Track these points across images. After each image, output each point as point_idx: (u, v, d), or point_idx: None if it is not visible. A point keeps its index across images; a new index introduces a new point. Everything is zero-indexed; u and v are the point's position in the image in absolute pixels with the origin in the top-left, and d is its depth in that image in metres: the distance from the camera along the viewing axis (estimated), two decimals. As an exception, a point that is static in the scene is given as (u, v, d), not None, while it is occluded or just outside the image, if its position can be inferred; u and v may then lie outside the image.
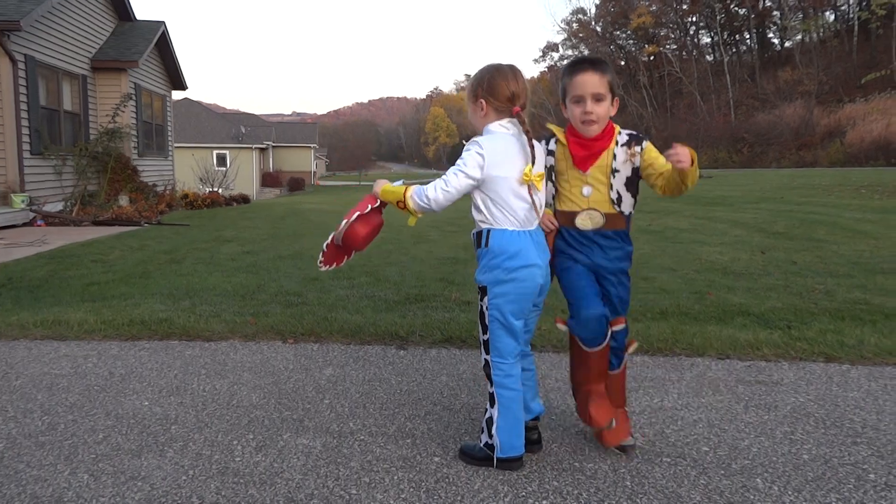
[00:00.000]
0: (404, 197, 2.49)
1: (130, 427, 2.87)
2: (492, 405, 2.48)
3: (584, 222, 2.56)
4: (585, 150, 2.54)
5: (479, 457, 2.51)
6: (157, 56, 18.79)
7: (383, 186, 2.58)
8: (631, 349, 2.70)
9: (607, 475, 2.43)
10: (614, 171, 2.52)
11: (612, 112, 2.53)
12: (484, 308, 2.45)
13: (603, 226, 2.54)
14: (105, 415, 3.01)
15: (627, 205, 2.56)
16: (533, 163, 2.40)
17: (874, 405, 3.06)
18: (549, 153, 2.63)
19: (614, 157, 2.52)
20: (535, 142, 2.47)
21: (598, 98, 2.47)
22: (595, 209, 2.54)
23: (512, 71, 2.49)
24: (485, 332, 2.48)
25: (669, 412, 3.02)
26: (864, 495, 2.28)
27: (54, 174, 13.60)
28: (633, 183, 2.56)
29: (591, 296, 2.51)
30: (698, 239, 8.79)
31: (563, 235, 2.62)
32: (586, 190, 2.55)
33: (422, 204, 2.46)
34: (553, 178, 2.62)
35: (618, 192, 2.53)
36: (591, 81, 2.48)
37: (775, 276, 6.01)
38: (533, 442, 2.60)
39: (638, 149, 2.51)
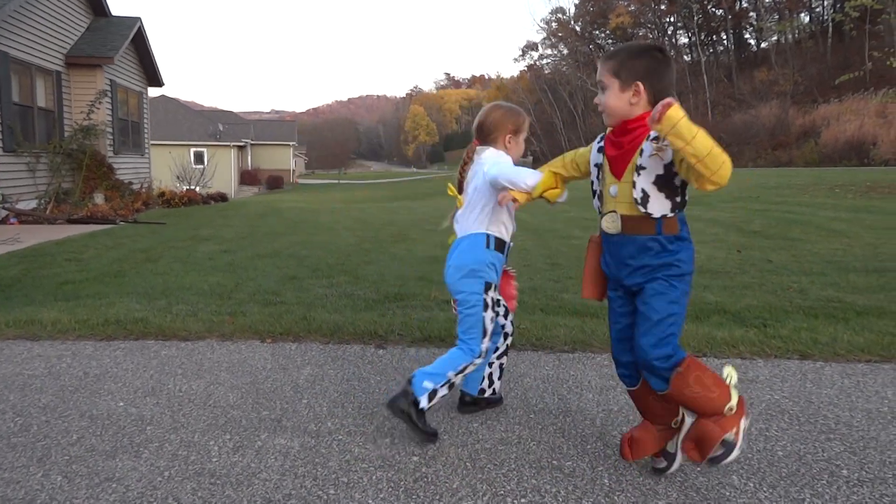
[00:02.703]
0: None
1: (105, 428, 2.84)
2: None
3: (607, 225, 2.32)
4: (616, 149, 2.30)
5: None
6: (133, 52, 18.55)
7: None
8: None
9: (585, 473, 2.44)
10: (639, 168, 2.21)
11: (632, 101, 2.23)
12: None
13: (622, 230, 2.27)
14: (79, 416, 2.97)
15: (658, 206, 2.20)
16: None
17: (847, 402, 3.11)
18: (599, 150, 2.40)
19: (640, 152, 2.21)
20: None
21: (602, 87, 2.29)
22: (615, 211, 2.29)
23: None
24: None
25: (647, 410, 3.04)
26: (836, 491, 2.31)
27: (27, 171, 13.37)
28: (668, 181, 2.19)
29: (615, 340, 2.44)
30: (676, 238, 8.85)
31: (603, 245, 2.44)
32: (613, 189, 2.30)
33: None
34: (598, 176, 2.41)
35: (643, 191, 2.20)
36: (598, 71, 2.33)
37: (751, 275, 6.08)
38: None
39: (665, 142, 2.10)
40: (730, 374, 2.32)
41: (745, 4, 68.55)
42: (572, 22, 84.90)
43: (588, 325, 4.28)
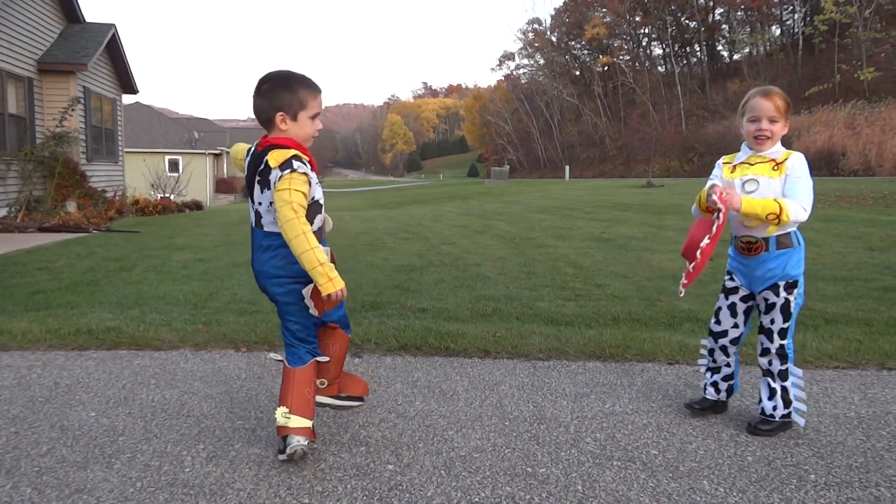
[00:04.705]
0: (781, 209, 2.68)
1: (76, 439, 2.80)
2: (784, 380, 2.87)
3: None
4: None
5: (776, 428, 2.86)
6: (107, 59, 18.37)
7: (744, 199, 2.75)
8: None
9: (559, 480, 2.46)
10: None
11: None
12: (792, 299, 2.83)
13: None
14: (49, 427, 2.93)
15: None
16: None
17: (815, 407, 3.17)
18: None
19: None
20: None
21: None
22: None
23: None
24: (787, 321, 2.84)
25: (620, 417, 3.07)
26: (804, 495, 2.35)
27: (-3, 179, 13.18)
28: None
29: None
30: (649, 247, 8.96)
31: None
32: None
33: (800, 219, 2.74)
34: None
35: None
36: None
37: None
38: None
39: None
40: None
41: (717, 17, 69.64)
42: (548, 32, 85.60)
43: (563, 333, 4.31)
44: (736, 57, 69.53)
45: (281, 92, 2.49)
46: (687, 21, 70.78)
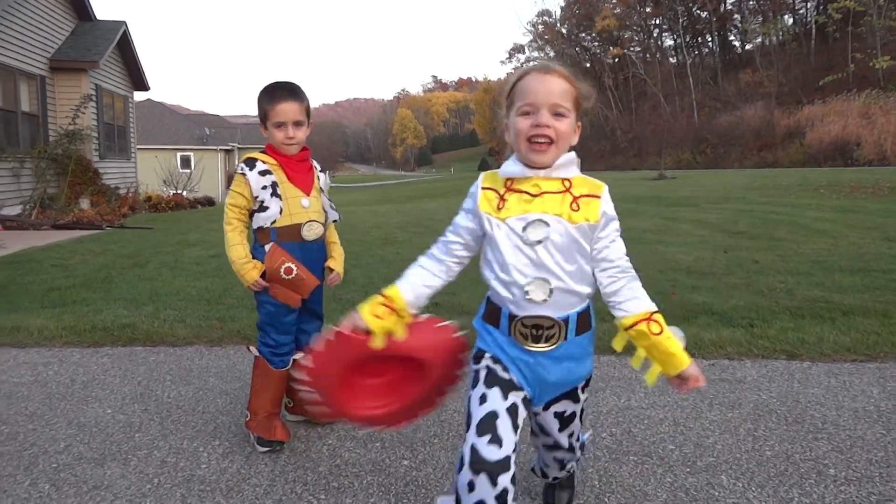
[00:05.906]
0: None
1: (93, 435, 2.82)
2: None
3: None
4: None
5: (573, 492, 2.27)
6: (118, 56, 18.45)
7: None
8: None
9: (575, 474, 2.45)
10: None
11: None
12: (585, 397, 1.98)
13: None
14: (66, 423, 2.95)
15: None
16: None
17: (833, 401, 3.14)
18: None
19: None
20: None
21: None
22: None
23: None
24: (583, 421, 2.04)
25: (636, 411, 3.06)
26: (824, 490, 2.33)
27: (12, 177, 13.26)
28: None
29: None
30: (662, 239, 8.90)
31: None
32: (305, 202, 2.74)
33: None
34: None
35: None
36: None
37: (738, 275, 6.12)
38: None
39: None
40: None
41: (729, 7, 69.12)
42: (558, 24, 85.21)
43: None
44: (748, 47, 69.06)
45: (259, 103, 2.71)
46: (698, 11, 70.30)
